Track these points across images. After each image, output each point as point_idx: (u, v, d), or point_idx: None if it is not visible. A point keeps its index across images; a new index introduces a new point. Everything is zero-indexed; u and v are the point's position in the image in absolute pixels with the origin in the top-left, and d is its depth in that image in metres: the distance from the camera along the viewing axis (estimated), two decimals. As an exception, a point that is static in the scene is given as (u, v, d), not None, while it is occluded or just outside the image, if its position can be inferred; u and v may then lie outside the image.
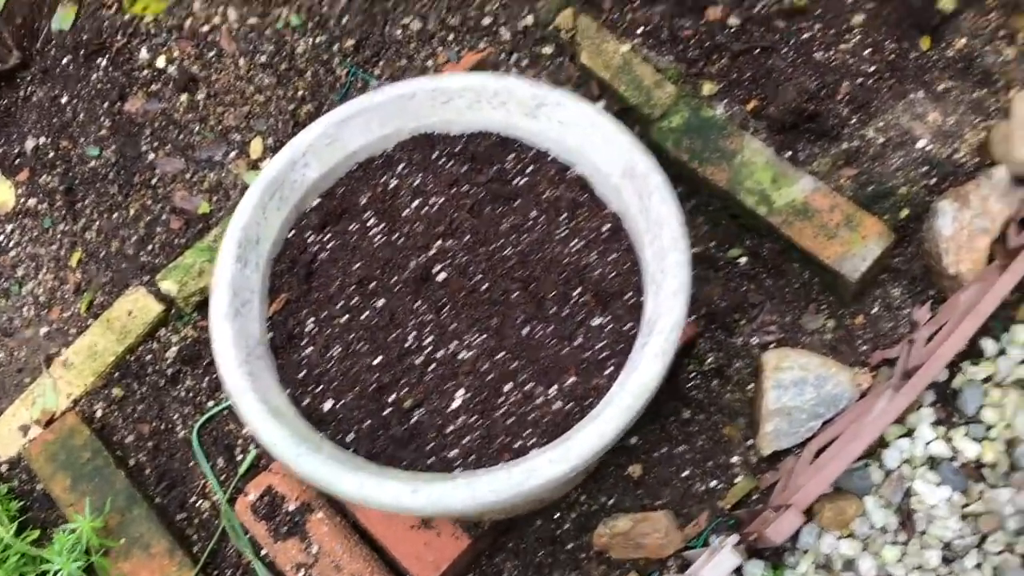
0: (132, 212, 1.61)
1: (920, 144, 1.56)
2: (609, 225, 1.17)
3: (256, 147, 1.62)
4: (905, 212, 1.51)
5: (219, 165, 1.62)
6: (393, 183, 1.22)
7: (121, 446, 1.50)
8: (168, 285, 1.54)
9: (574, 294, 1.13)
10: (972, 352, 1.46)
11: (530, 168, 1.22)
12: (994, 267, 1.46)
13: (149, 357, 1.53)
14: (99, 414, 1.52)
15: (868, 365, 1.49)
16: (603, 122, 1.17)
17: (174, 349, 1.53)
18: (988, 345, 1.50)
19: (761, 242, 1.54)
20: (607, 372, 1.07)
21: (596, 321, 1.11)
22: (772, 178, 1.53)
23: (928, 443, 1.43)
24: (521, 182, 1.21)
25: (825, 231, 1.47)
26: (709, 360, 1.51)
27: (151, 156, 1.63)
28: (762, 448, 1.41)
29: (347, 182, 1.23)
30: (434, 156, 1.23)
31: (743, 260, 1.56)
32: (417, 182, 1.22)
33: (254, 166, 1.61)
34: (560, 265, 1.15)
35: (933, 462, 1.42)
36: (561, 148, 1.21)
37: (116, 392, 1.52)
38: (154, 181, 1.62)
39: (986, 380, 1.48)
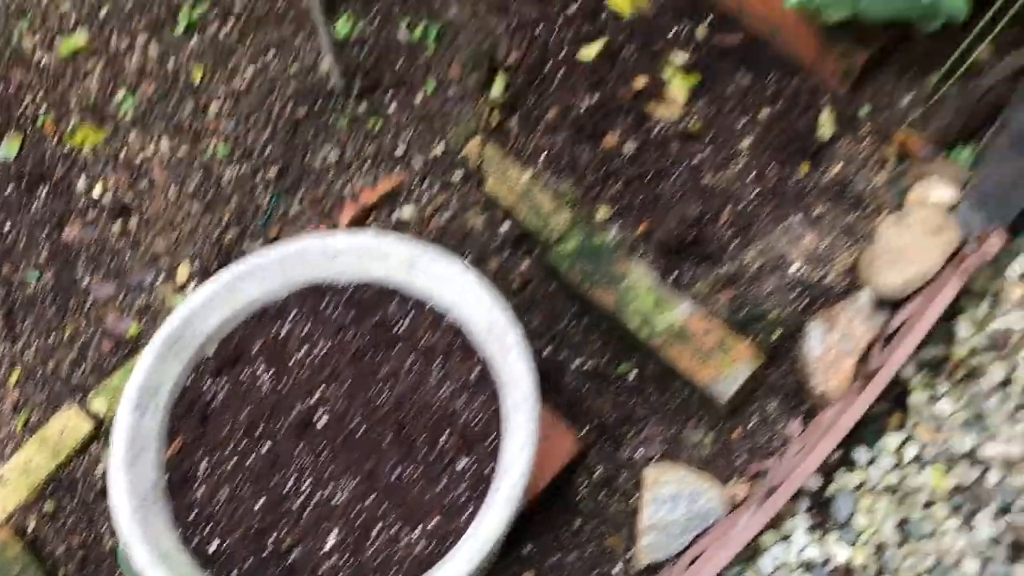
0: (67, 334, 1.73)
1: (794, 267, 1.68)
2: (479, 370, 1.29)
3: (183, 271, 1.75)
4: (779, 333, 1.63)
5: (148, 289, 1.74)
6: (285, 330, 1.34)
7: (52, 558, 1.61)
8: (98, 404, 1.66)
9: (442, 438, 1.24)
10: (845, 460, 1.58)
11: (410, 316, 1.34)
12: (856, 387, 1.57)
13: (80, 472, 1.65)
14: (31, 527, 1.63)
15: (745, 476, 1.60)
16: (470, 280, 1.29)
17: (103, 465, 1.64)
18: (860, 454, 1.62)
19: (647, 359, 1.66)
20: (466, 515, 1.19)
21: (461, 464, 1.23)
22: (655, 302, 1.65)
23: (802, 549, 1.54)
24: (401, 329, 1.33)
25: (700, 354, 1.59)
26: (599, 472, 1.62)
27: (86, 281, 1.75)
28: (639, 560, 1.52)
29: (243, 329, 1.35)
30: (323, 305, 1.36)
31: (632, 375, 1.67)
32: (306, 330, 1.34)
33: (180, 289, 1.74)
34: (431, 410, 1.27)
35: (807, 567, 1.53)
36: (437, 299, 1.34)
37: (48, 506, 1.63)
38: (88, 305, 1.74)
39: (858, 487, 1.60)
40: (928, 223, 1.63)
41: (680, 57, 1.91)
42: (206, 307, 1.32)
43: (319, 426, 1.27)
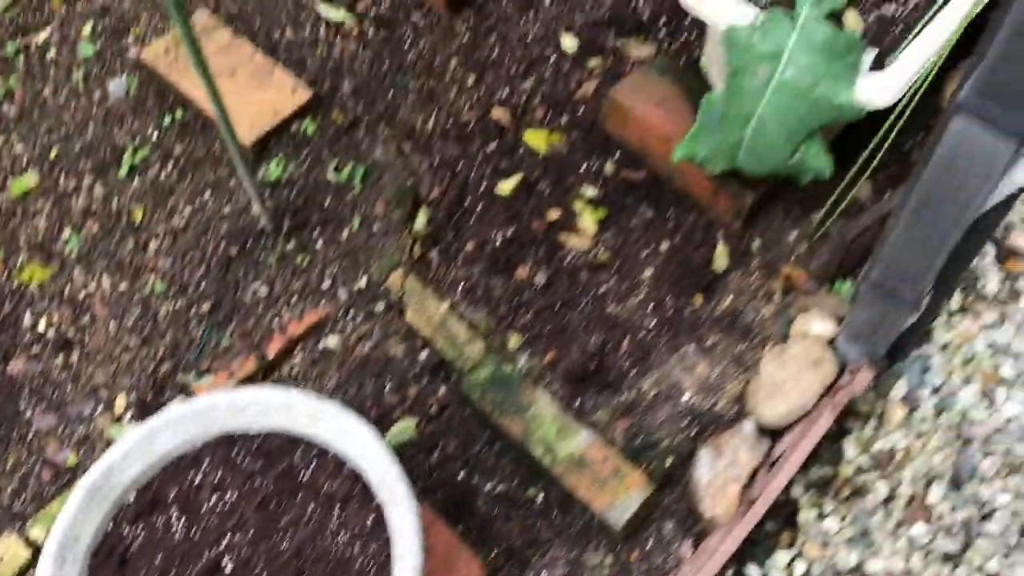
0: (9, 464, 1.84)
1: (687, 396, 1.81)
2: (374, 516, 1.41)
3: (120, 403, 1.86)
4: (671, 460, 1.76)
5: (88, 420, 1.85)
6: (198, 479, 1.46)
7: None
8: (37, 532, 1.76)
9: (338, 583, 1.35)
10: (738, 577, 1.69)
11: (313, 464, 1.46)
12: (741, 511, 1.69)
13: (17, 599, 1.74)
14: (-31, 653, 1.72)
15: (642, 596, 1.71)
16: (366, 434, 1.41)
17: (39, 592, 1.74)
18: (752, 572, 1.73)
19: (551, 485, 1.77)
20: (356, 657, 1.29)
21: (354, 608, 1.34)
22: (558, 430, 1.77)
23: (696, 666, 1.65)
24: (305, 477, 1.45)
25: (598, 481, 1.71)
26: (506, 595, 1.73)
27: (28, 413, 1.87)
28: None
29: (161, 477, 1.46)
30: (234, 453, 1.47)
31: (538, 499, 1.79)
32: (218, 477, 1.45)
33: (117, 420, 1.85)
34: (330, 556, 1.38)
35: None
36: (338, 449, 1.46)
37: (-14, 632, 1.73)
38: (30, 435, 1.85)
39: (750, 604, 1.71)
40: (807, 356, 1.77)
41: (590, 191, 2.06)
42: (126, 458, 1.44)
43: (227, 572, 1.38)
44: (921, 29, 1.63)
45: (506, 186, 2.07)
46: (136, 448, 1.45)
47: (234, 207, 2.00)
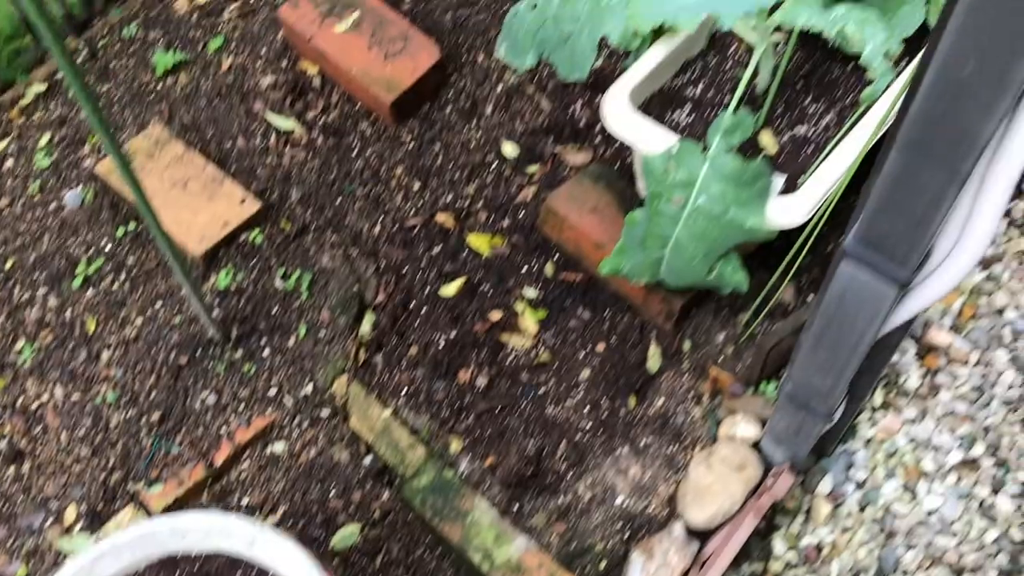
0: (-41, 578, 1.88)
1: (620, 499, 1.88)
2: (310, 637, 1.46)
3: (71, 513, 1.91)
4: (604, 564, 1.82)
5: (38, 532, 1.90)
6: (140, 602, 1.51)
7: None
8: (-15, 646, 1.80)
9: None
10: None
11: (252, 585, 1.51)
12: (671, 615, 1.76)
13: None
14: None
15: None
16: (302, 559, 1.47)
17: None
18: (685, 670, 1.79)
19: (491, 589, 1.84)
20: None
21: None
22: (495, 536, 1.83)
23: None
24: (244, 598, 1.50)
25: (533, 588, 1.78)
26: None
27: (-21, 526, 1.91)
28: None
29: (103, 601, 1.51)
30: (176, 575, 1.53)
31: (479, 603, 1.85)
32: (159, 601, 1.51)
33: (67, 532, 1.89)
34: None
35: None
36: (278, 570, 1.51)
37: None
38: (-20, 548, 1.90)
39: None
40: (733, 459, 1.85)
41: (531, 292, 2.14)
42: (68, 586, 1.49)
43: None
44: (829, 152, 1.74)
45: (450, 288, 2.15)
46: (80, 573, 1.50)
47: (184, 316, 2.07)
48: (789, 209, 1.68)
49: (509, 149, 2.30)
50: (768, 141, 1.85)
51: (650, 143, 1.76)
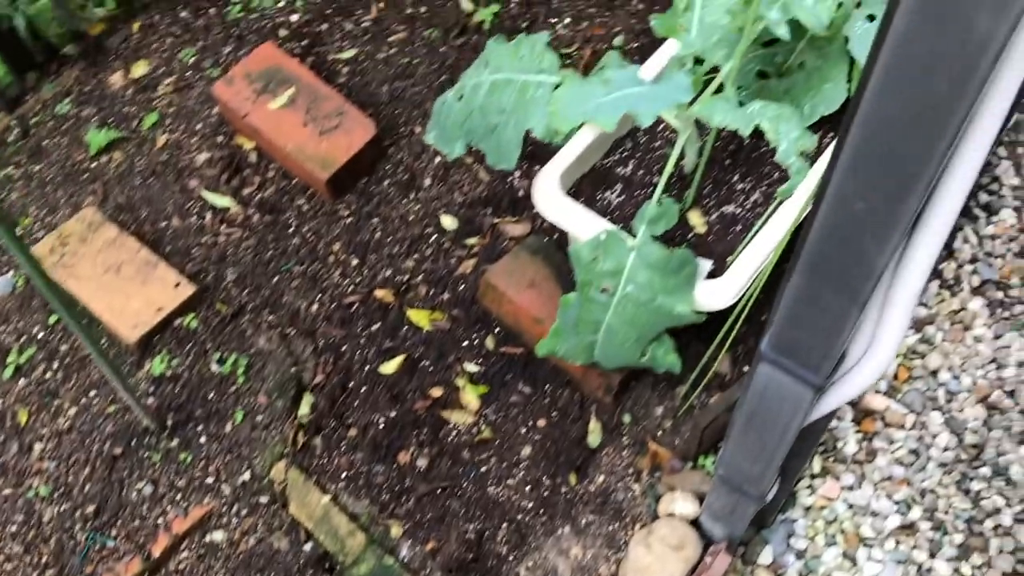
0: None
1: (562, 581, 1.88)
2: None
3: (1, 615, 1.87)
4: (547, 649, 1.81)
5: (-33, 635, 1.86)
6: None
7: None
8: None
9: None
10: None
11: None
12: None
13: None
14: None
15: None
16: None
17: None
18: None
19: None
20: None
21: None
22: (436, 625, 1.82)
23: None
24: None
25: None
26: None
27: (-94, 631, 1.86)
28: None
29: None
30: None
31: None
32: None
33: (-2, 634, 1.85)
34: None
35: None
36: None
37: None
38: (-92, 655, 1.84)
39: None
40: (672, 538, 1.85)
41: (472, 366, 2.14)
42: None
43: None
44: (754, 235, 1.76)
45: (390, 366, 2.14)
46: None
47: (119, 406, 2.04)
48: (716, 293, 1.70)
49: (448, 221, 2.30)
50: (697, 220, 1.87)
51: (579, 228, 1.77)
